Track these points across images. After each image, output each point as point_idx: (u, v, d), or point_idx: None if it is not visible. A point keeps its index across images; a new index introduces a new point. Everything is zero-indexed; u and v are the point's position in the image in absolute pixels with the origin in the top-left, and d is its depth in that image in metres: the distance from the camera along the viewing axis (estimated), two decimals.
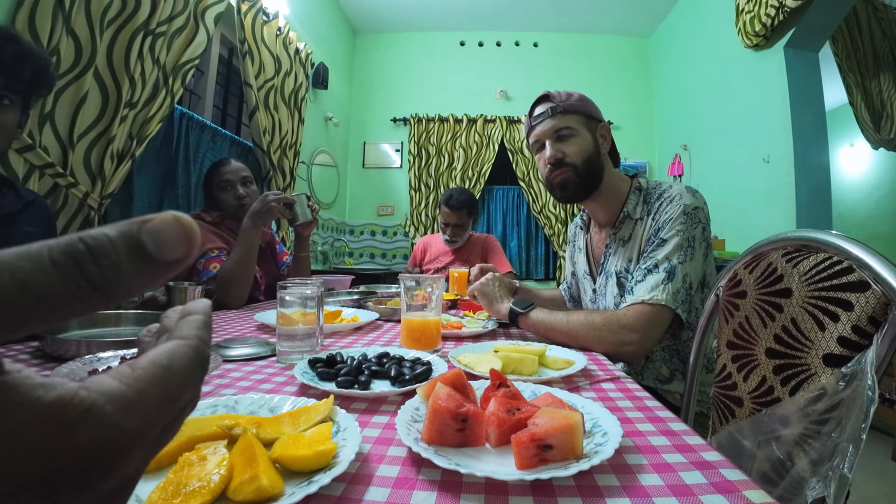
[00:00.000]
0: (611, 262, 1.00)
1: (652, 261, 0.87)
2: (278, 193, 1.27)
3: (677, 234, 0.87)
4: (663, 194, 0.95)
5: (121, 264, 0.13)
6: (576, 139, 0.97)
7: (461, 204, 2.09)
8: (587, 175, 0.98)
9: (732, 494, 0.33)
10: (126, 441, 0.13)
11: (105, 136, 1.41)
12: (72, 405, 0.12)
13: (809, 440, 0.53)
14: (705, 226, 0.90)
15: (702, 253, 0.89)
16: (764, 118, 2.52)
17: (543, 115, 0.99)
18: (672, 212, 0.90)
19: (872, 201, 4.55)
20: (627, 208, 0.98)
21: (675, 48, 3.63)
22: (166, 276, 0.14)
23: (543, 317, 0.86)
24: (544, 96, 1.02)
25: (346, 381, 0.54)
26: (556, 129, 0.98)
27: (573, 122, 0.98)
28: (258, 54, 2.30)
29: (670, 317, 0.83)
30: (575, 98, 1.00)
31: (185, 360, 0.15)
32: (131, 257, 0.13)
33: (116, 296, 0.13)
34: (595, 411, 0.45)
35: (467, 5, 3.68)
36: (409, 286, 0.79)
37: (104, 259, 0.12)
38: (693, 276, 0.86)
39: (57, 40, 1.22)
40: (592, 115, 1.00)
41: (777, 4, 2.21)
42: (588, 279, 1.12)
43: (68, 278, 0.12)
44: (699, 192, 0.93)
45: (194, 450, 0.35)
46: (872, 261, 0.52)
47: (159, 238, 0.14)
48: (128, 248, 0.13)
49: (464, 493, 0.33)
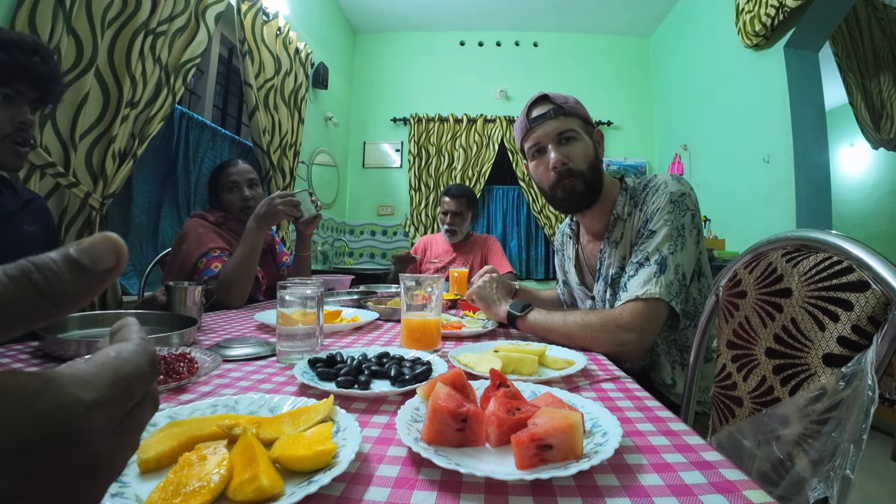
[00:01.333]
0: (605, 265, 0.98)
1: (643, 254, 0.86)
2: (285, 195, 1.25)
3: (666, 224, 0.86)
4: (648, 185, 0.93)
5: (62, 275, 0.16)
6: (580, 143, 0.93)
7: (461, 192, 2.19)
8: (593, 182, 0.94)
9: (732, 494, 0.33)
10: (83, 408, 0.14)
11: (106, 135, 1.41)
12: (33, 382, 0.14)
13: (809, 440, 0.53)
14: (694, 212, 0.88)
15: (693, 240, 0.86)
16: (764, 118, 2.52)
17: (545, 117, 0.92)
18: (659, 201, 0.88)
19: (872, 201, 4.55)
20: (616, 210, 0.96)
21: (675, 48, 3.63)
22: (105, 284, 0.17)
23: (541, 318, 0.86)
24: (543, 97, 0.95)
25: (346, 380, 0.54)
26: (560, 131, 0.92)
27: (576, 125, 0.93)
28: (258, 54, 2.30)
29: (666, 310, 0.82)
30: (571, 101, 0.95)
31: (131, 348, 0.18)
32: (70, 269, 0.16)
33: (61, 301, 0.16)
34: (595, 411, 0.45)
35: (467, 5, 3.67)
36: (409, 286, 0.79)
37: (48, 271, 0.15)
38: (686, 266, 0.84)
39: (57, 40, 1.22)
40: (589, 120, 0.96)
41: (777, 4, 2.21)
42: (581, 289, 1.09)
43: (19, 285, 0.15)
44: (685, 179, 0.90)
45: (194, 450, 0.35)
46: (872, 261, 0.52)
47: (92, 253, 0.17)
48: (66, 263, 0.16)
49: (464, 492, 0.33)
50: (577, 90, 4.15)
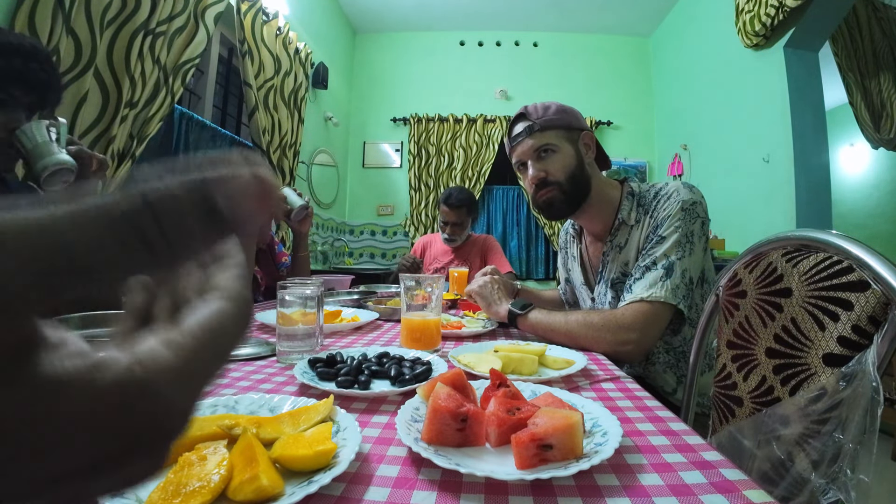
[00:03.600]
0: (609, 269, 0.99)
1: (650, 258, 0.87)
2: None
3: (675, 231, 0.87)
4: (660, 192, 0.94)
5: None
6: (557, 156, 0.95)
7: (460, 202, 2.10)
8: (572, 191, 0.96)
9: (732, 494, 0.33)
10: (180, 421, 0.13)
11: (105, 135, 1.41)
12: (129, 385, 0.11)
13: (809, 440, 0.53)
14: (704, 220, 0.89)
15: (701, 248, 0.88)
16: (764, 118, 2.51)
17: (522, 135, 0.97)
18: (670, 208, 0.89)
19: (872, 201, 4.55)
20: (622, 215, 0.96)
21: (674, 48, 3.63)
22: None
23: (542, 318, 0.86)
24: (520, 114, 0.99)
25: (346, 380, 0.54)
26: (535, 147, 0.95)
27: (552, 138, 0.95)
28: (258, 54, 2.30)
29: (670, 313, 0.82)
30: (552, 111, 0.96)
31: (234, 321, 0.14)
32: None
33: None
34: (595, 411, 0.45)
35: (467, 5, 3.67)
36: (409, 286, 0.79)
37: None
38: (693, 271, 0.85)
39: (57, 40, 1.22)
40: (573, 126, 0.97)
41: (777, 4, 2.21)
42: (584, 289, 1.10)
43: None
44: (696, 188, 0.92)
45: (194, 450, 0.35)
46: (872, 260, 0.52)
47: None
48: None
49: (464, 492, 0.33)
50: (577, 90, 4.21)
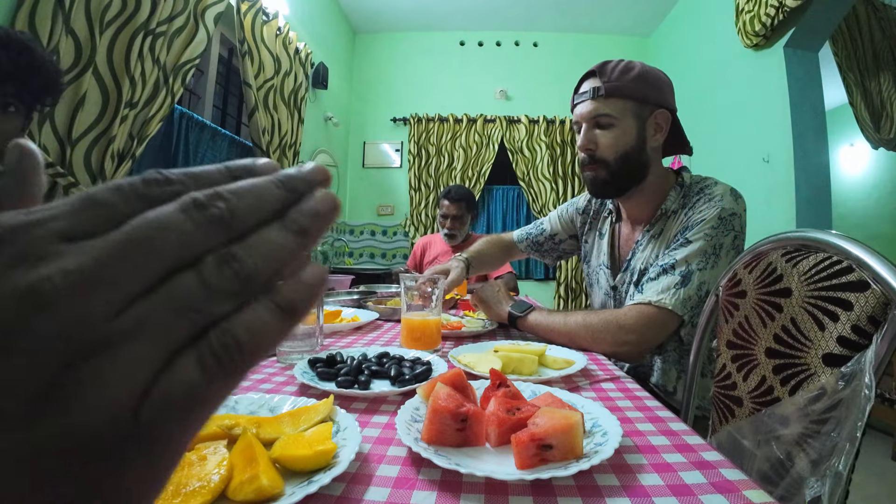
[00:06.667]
0: (637, 258, 0.93)
1: (670, 259, 0.82)
2: None
3: (703, 239, 0.81)
4: (704, 190, 0.87)
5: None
6: (614, 130, 0.86)
7: (460, 196, 2.16)
8: (620, 173, 0.87)
9: (732, 494, 0.33)
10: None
11: (105, 135, 1.41)
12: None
13: (809, 440, 0.53)
14: (738, 234, 0.83)
15: (726, 262, 0.81)
16: (764, 118, 2.51)
17: (586, 95, 0.88)
18: (707, 213, 0.82)
19: (872, 201, 4.55)
20: (666, 205, 0.90)
21: (674, 48, 3.63)
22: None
23: (541, 319, 0.86)
24: (593, 71, 0.89)
25: (346, 380, 0.54)
26: (594, 114, 0.86)
27: (617, 108, 0.85)
28: (258, 54, 2.30)
29: (675, 323, 0.80)
30: (631, 76, 0.86)
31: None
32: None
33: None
34: (595, 411, 0.45)
35: (467, 5, 3.67)
36: (409, 286, 0.79)
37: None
38: (710, 284, 0.81)
39: (57, 40, 1.22)
40: (648, 100, 0.87)
41: (777, 4, 2.21)
42: (605, 271, 1.03)
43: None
44: (742, 198, 0.85)
45: (194, 450, 0.35)
46: (872, 261, 0.52)
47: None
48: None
49: (464, 492, 0.33)
50: None
